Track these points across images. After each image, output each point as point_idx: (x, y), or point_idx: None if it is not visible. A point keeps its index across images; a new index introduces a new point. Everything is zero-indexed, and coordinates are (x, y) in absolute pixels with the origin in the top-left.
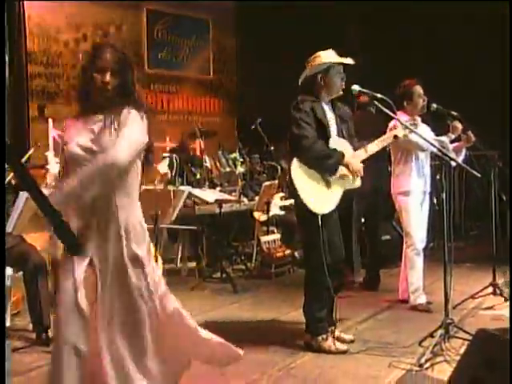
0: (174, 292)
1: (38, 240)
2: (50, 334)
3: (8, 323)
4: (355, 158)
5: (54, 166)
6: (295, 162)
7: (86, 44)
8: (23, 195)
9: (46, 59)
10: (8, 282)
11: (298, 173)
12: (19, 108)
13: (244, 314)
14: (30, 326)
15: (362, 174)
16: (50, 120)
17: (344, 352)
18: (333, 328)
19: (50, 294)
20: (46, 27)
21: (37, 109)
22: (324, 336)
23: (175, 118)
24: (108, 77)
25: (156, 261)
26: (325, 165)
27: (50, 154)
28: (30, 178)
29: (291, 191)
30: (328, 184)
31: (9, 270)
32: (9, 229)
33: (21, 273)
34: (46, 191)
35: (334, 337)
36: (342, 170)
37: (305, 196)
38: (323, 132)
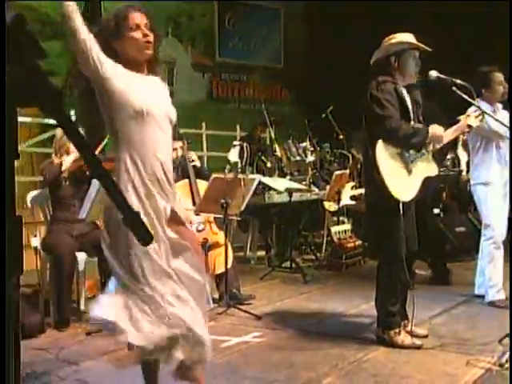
0: (243, 280)
1: None
2: None
3: (82, 307)
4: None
5: None
6: (380, 145)
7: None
8: (96, 183)
9: None
10: (82, 267)
11: (383, 156)
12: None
13: (313, 305)
14: None
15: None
16: None
17: (418, 347)
18: (406, 322)
19: None
20: None
21: None
22: (397, 330)
23: (245, 106)
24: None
25: (226, 249)
26: (414, 142)
27: None
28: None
29: (373, 176)
30: (409, 171)
31: (83, 255)
32: (82, 215)
33: (96, 258)
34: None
35: (407, 331)
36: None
37: (389, 181)
38: (405, 115)
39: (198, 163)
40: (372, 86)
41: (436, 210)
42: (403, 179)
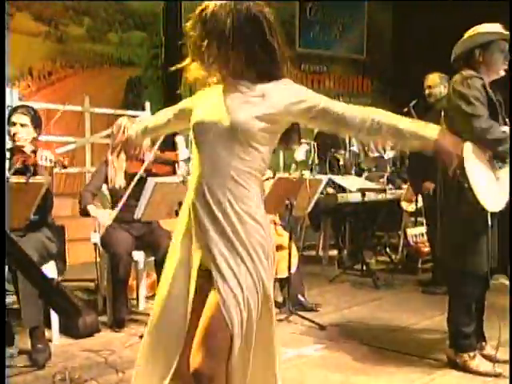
0: (311, 282)
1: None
2: None
3: (141, 307)
4: None
5: (183, 151)
6: (469, 147)
7: None
8: (151, 182)
9: None
10: (141, 266)
11: (472, 159)
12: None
13: (384, 314)
14: None
15: None
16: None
17: (496, 375)
18: (483, 344)
19: None
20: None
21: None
22: (471, 353)
23: None
24: None
25: (290, 253)
26: (502, 149)
27: (180, 139)
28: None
29: (455, 180)
30: (497, 178)
31: (141, 254)
32: (138, 216)
33: (153, 258)
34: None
35: (483, 355)
36: None
37: (478, 188)
38: (493, 114)
39: None
40: (456, 80)
41: None
42: (492, 187)
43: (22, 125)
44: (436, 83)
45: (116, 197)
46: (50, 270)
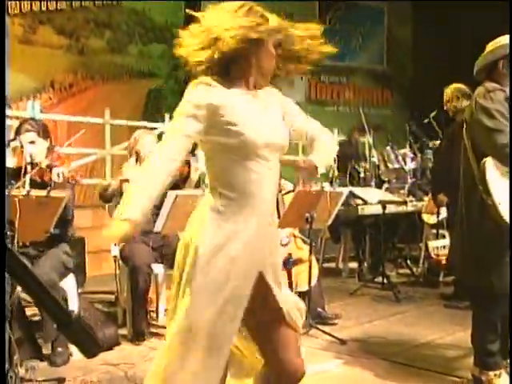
0: (332, 295)
1: None
2: None
3: (160, 320)
4: None
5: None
6: (490, 162)
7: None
8: (172, 194)
9: None
10: (160, 279)
11: (494, 175)
12: None
13: (404, 329)
14: None
15: None
16: None
17: None
18: (508, 361)
19: None
20: None
21: None
22: (497, 372)
23: (344, 110)
24: None
25: (310, 266)
26: None
27: (194, 159)
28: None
29: (477, 195)
30: None
31: (160, 267)
32: (158, 228)
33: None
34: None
35: (509, 373)
36: None
37: (501, 204)
38: None
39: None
40: (479, 93)
41: None
42: None
43: (30, 142)
44: (450, 97)
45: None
46: (69, 282)
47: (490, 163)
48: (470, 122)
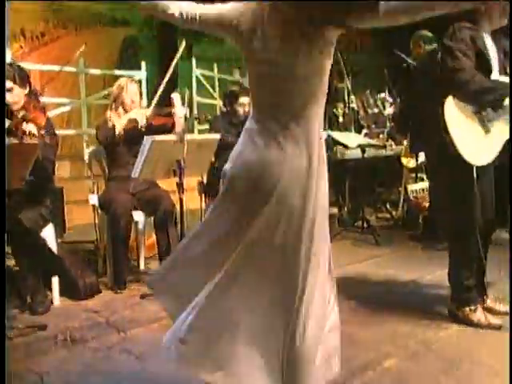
0: None
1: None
2: None
3: (142, 267)
4: None
5: (180, 109)
6: (450, 102)
7: None
8: (148, 140)
9: None
10: (141, 226)
11: (453, 114)
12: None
13: (384, 271)
14: None
15: None
16: (194, 59)
17: (497, 327)
18: (484, 297)
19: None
20: None
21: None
22: (472, 307)
23: None
24: None
25: None
26: (486, 99)
27: (177, 96)
28: None
29: (441, 136)
30: (487, 130)
31: (140, 215)
32: (135, 174)
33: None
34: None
35: (484, 307)
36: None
37: (460, 143)
38: (483, 66)
39: None
40: (447, 34)
41: None
42: (478, 141)
43: (7, 90)
44: (413, 44)
45: (112, 154)
46: (48, 232)
47: (449, 102)
48: (432, 63)
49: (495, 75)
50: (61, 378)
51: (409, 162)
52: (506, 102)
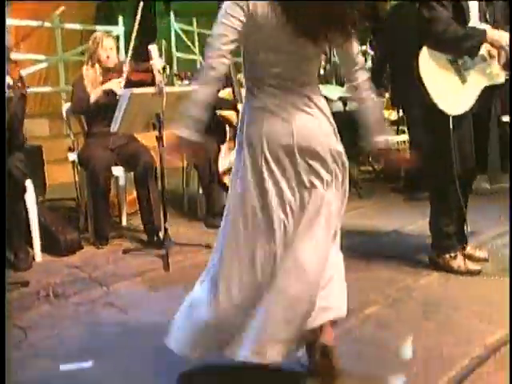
0: None
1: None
2: (161, 236)
3: (124, 223)
4: (501, 37)
5: (158, 60)
6: (425, 53)
7: None
8: (127, 93)
9: None
10: (122, 182)
11: (428, 65)
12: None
13: (366, 221)
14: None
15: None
16: (172, 13)
17: (476, 273)
18: (464, 244)
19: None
20: None
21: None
22: (452, 254)
23: None
24: None
25: None
26: (463, 47)
27: (154, 47)
28: None
29: (417, 87)
30: (463, 79)
31: (120, 170)
32: (114, 128)
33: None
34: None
35: (464, 254)
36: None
37: (435, 93)
38: (460, 15)
39: None
40: None
41: (505, 118)
42: (454, 89)
43: None
44: None
45: (92, 113)
46: (27, 189)
47: (424, 53)
48: (407, 14)
49: (474, 23)
50: (44, 332)
51: (390, 115)
52: (483, 49)
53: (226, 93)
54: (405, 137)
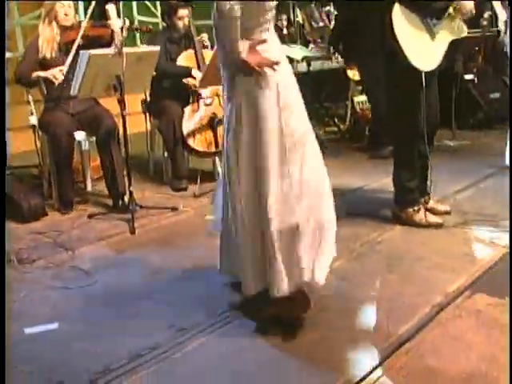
0: None
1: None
2: (126, 200)
3: (89, 188)
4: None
5: (116, 20)
6: (397, 8)
7: None
8: (85, 54)
9: None
10: (86, 147)
11: (400, 21)
12: None
13: (333, 180)
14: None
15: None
16: None
17: (438, 225)
18: (426, 198)
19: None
20: None
21: None
22: (415, 208)
23: None
24: None
25: None
26: (433, 6)
27: (112, 7)
28: None
29: (389, 43)
30: (432, 35)
31: (82, 135)
32: (74, 92)
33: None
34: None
35: (426, 208)
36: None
37: (407, 49)
38: None
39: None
40: None
41: (469, 76)
42: (425, 46)
43: None
44: None
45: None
46: None
47: (396, 9)
48: None
49: None
50: (11, 297)
51: (355, 75)
52: (450, 9)
53: (184, 56)
54: None
